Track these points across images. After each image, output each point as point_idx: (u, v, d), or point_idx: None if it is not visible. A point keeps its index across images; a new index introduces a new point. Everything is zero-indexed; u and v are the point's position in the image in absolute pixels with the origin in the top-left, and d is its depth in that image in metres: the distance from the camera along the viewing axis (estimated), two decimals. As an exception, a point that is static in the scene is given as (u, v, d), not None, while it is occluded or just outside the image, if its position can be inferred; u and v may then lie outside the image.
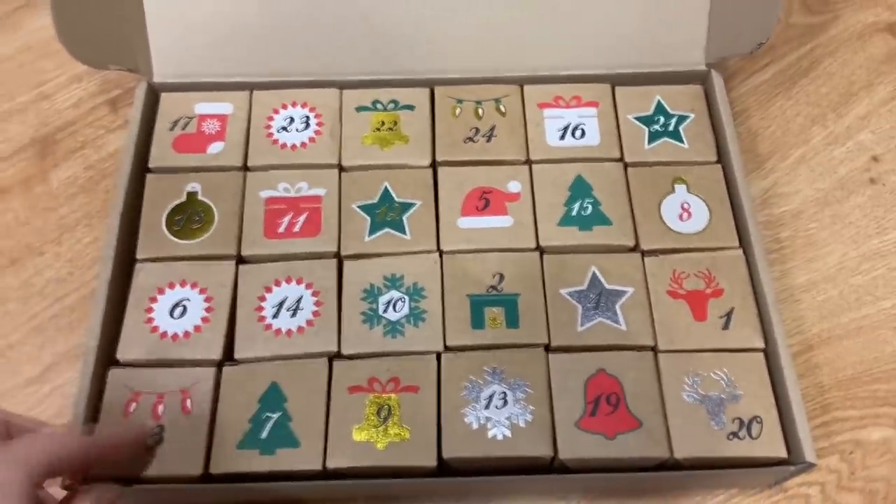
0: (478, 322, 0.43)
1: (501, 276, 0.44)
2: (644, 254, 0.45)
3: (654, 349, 0.43)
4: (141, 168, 0.47)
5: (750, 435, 0.40)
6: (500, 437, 0.40)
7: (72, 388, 0.45)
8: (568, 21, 0.50)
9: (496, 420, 0.40)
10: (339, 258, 0.45)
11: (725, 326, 0.43)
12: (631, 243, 0.46)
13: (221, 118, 0.49)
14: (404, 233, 0.46)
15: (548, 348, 0.43)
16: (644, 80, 0.51)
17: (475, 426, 0.40)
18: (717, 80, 0.50)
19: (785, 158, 0.55)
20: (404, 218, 0.46)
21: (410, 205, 0.46)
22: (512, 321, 0.43)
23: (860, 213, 0.53)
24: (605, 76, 0.51)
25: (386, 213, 0.46)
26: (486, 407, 0.40)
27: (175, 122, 0.49)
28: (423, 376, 0.41)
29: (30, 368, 0.47)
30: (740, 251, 0.45)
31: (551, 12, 0.49)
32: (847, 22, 0.60)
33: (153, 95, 0.50)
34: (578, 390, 0.41)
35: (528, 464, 0.40)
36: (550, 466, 0.41)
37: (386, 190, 0.47)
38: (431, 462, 0.39)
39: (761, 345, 0.43)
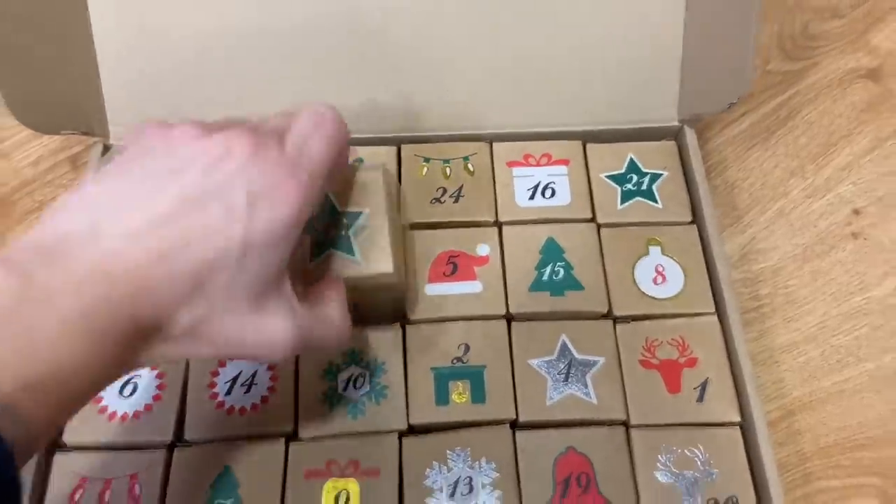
0: (442, 397, 0.41)
1: (467, 347, 0.43)
2: (616, 320, 0.44)
3: (625, 424, 0.41)
4: (95, 234, 0.46)
5: (726, 518, 0.38)
6: (465, 526, 0.38)
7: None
8: (538, 77, 0.48)
9: (461, 508, 0.38)
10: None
11: (700, 399, 0.41)
12: (604, 309, 0.44)
13: (179, 181, 0.47)
14: (367, 301, 0.44)
15: (515, 423, 0.41)
16: (616, 137, 0.49)
17: (440, 518, 0.38)
18: (691, 137, 0.49)
19: (763, 212, 0.53)
20: (367, 286, 0.44)
21: (374, 271, 0.45)
22: (478, 395, 0.41)
23: (841, 270, 0.51)
24: (575, 133, 0.49)
25: (348, 280, 0.44)
26: (452, 495, 0.38)
27: (131, 186, 0.47)
28: (385, 459, 0.39)
29: (-22, 445, 0.45)
30: (715, 317, 0.44)
31: (520, 68, 0.48)
32: (827, 68, 0.59)
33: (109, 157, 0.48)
34: (547, 471, 0.39)
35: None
36: (520, 554, 0.39)
37: (349, 255, 0.45)
38: (392, 554, 0.37)
39: (737, 419, 0.41)
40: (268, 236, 0.27)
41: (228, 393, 0.41)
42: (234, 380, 0.41)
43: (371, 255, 0.36)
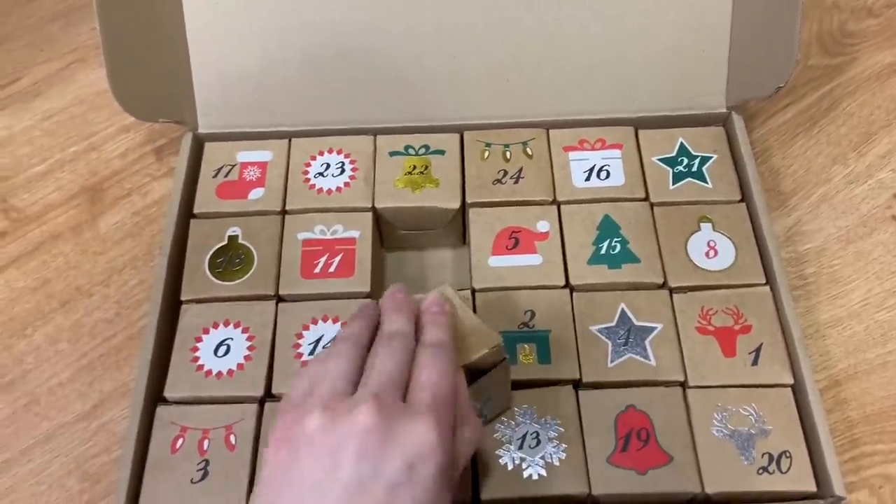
0: (511, 358, 0.44)
1: (533, 313, 0.46)
2: (672, 291, 0.47)
3: (683, 385, 0.44)
4: (186, 213, 0.50)
5: (779, 469, 0.41)
6: (535, 476, 0.41)
7: (117, 426, 0.48)
8: (591, 67, 0.52)
9: (531, 460, 0.41)
10: (373, 298, 0.47)
11: (754, 362, 0.44)
12: (659, 280, 0.47)
13: (262, 165, 0.51)
14: (437, 273, 0.47)
15: (580, 384, 0.44)
16: (666, 123, 0.52)
17: (510, 466, 0.41)
18: (738, 122, 0.52)
19: (807, 197, 0.56)
20: (437, 258, 0.48)
21: (443, 246, 0.48)
22: (544, 357, 0.44)
23: (883, 250, 0.53)
24: (628, 119, 0.53)
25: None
26: (520, 447, 0.41)
27: (218, 170, 0.51)
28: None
29: (79, 405, 0.49)
30: (767, 288, 0.46)
31: (575, 59, 0.52)
32: (865, 63, 0.62)
33: (198, 145, 0.52)
34: (609, 426, 0.42)
35: (563, 501, 0.41)
36: (585, 503, 0.41)
37: (419, 232, 0.49)
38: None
39: (790, 381, 0.43)
40: (432, 491, 0.29)
41: (312, 353, 0.44)
42: (317, 342, 0.45)
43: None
